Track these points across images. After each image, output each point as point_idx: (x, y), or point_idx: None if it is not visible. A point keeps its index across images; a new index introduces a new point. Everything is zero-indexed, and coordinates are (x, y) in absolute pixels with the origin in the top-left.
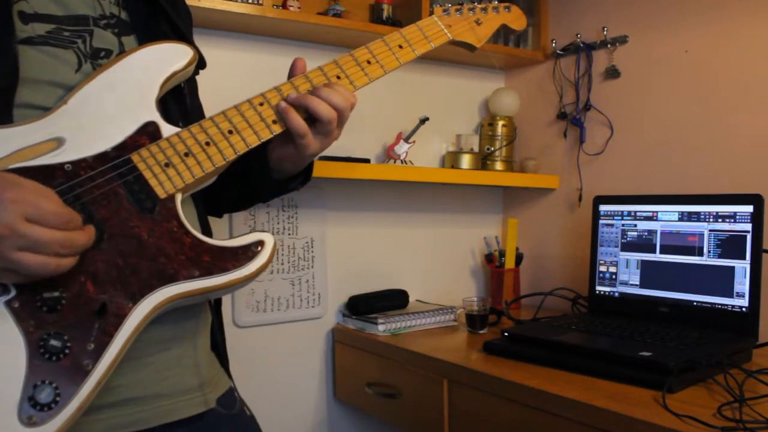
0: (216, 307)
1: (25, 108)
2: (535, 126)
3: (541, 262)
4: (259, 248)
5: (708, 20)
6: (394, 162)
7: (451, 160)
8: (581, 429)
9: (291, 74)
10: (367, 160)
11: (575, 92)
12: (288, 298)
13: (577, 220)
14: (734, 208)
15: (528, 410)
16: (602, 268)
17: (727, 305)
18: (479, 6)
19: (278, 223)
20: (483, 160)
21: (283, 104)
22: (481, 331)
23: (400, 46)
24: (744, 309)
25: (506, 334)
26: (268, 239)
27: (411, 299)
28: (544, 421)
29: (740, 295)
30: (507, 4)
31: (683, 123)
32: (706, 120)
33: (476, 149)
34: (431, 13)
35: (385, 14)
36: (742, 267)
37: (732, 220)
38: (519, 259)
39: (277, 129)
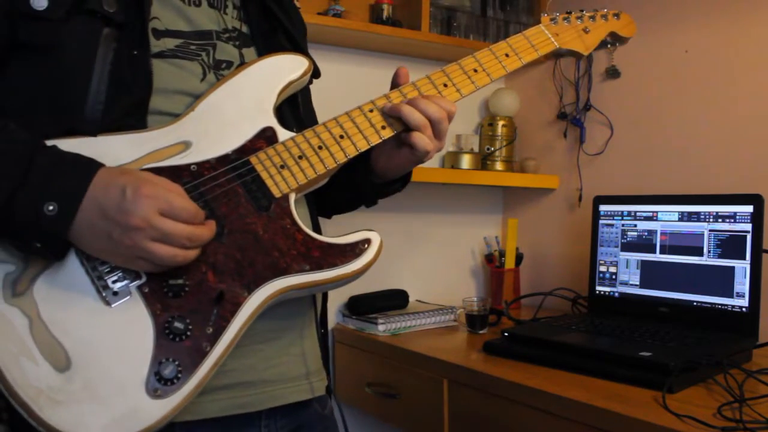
0: (323, 298)
1: (158, 114)
2: (535, 126)
3: (541, 262)
4: (366, 246)
5: (708, 20)
6: None
7: (451, 160)
8: (581, 429)
9: (394, 82)
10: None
11: (575, 92)
12: None
13: (577, 220)
14: (734, 208)
15: (528, 410)
16: (602, 268)
17: (727, 305)
18: (587, 14)
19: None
20: (483, 160)
21: (389, 105)
22: (481, 331)
23: (507, 55)
24: (744, 309)
25: (506, 334)
26: (375, 238)
27: (411, 299)
28: (544, 421)
29: (740, 295)
30: (616, 12)
31: (683, 123)
32: (706, 120)
33: (476, 149)
34: (432, 13)
35: (385, 14)
36: (742, 267)
37: (732, 220)
38: (519, 259)
39: (386, 134)
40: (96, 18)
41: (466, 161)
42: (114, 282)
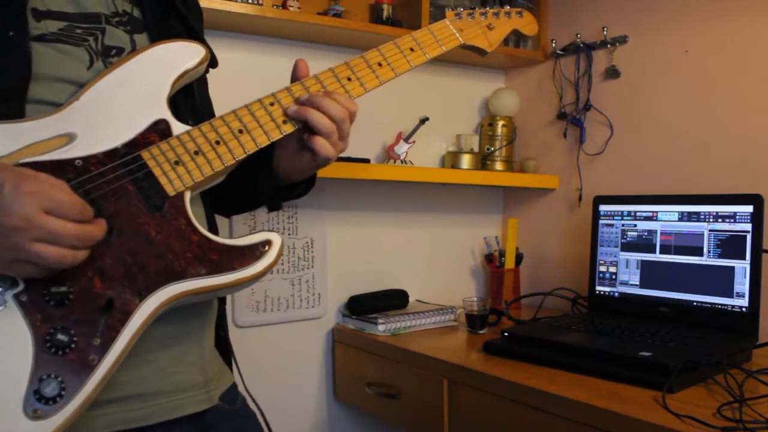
0: (221, 300)
1: (38, 104)
2: (535, 126)
3: (541, 262)
4: (267, 248)
5: (708, 20)
6: (394, 162)
7: (451, 160)
8: (581, 429)
9: (294, 76)
10: (367, 160)
11: (575, 92)
12: (288, 298)
13: (577, 220)
14: (734, 208)
15: (528, 410)
16: (602, 268)
17: (727, 305)
18: (491, 11)
19: (278, 223)
20: (483, 160)
21: (294, 108)
22: (481, 331)
23: (412, 49)
24: (744, 309)
25: (506, 334)
26: (276, 239)
27: (411, 299)
28: (544, 421)
29: (740, 295)
30: (519, 10)
31: (683, 123)
32: (706, 120)
33: (476, 149)
34: (432, 12)
35: (385, 14)
36: (742, 267)
37: (732, 220)
38: (519, 259)
39: (288, 129)
40: None
41: (466, 161)
42: None
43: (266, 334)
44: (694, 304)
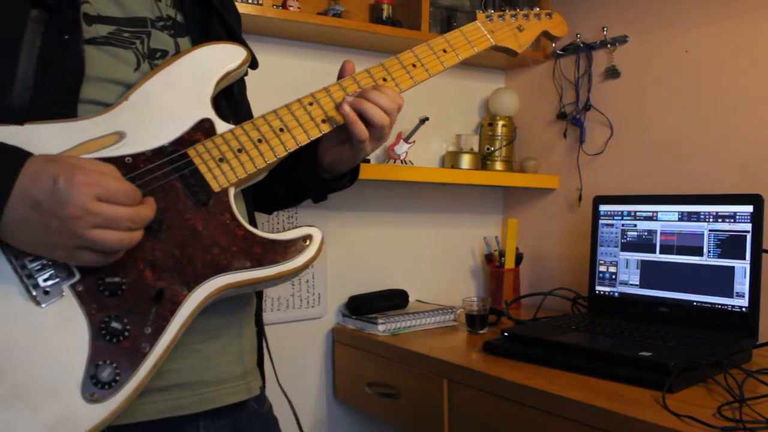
0: (258, 295)
1: (89, 104)
2: (535, 126)
3: (541, 262)
4: (308, 242)
5: (708, 20)
6: (394, 162)
7: (451, 160)
8: (581, 429)
9: (340, 75)
10: (367, 160)
11: (575, 92)
12: (288, 298)
13: (577, 220)
14: (734, 208)
15: (528, 410)
16: (602, 268)
17: (727, 305)
18: (521, 12)
19: (278, 223)
20: (483, 160)
21: (348, 110)
22: (481, 331)
23: (444, 51)
24: (744, 309)
25: (506, 334)
26: (316, 234)
27: (411, 299)
28: (544, 421)
29: (740, 295)
30: (548, 11)
31: (683, 123)
32: (706, 120)
33: (476, 149)
34: (432, 12)
35: (384, 14)
36: (742, 267)
37: (732, 220)
38: (519, 259)
39: (326, 128)
40: None
41: (466, 161)
42: (45, 280)
43: (266, 334)
44: (694, 304)
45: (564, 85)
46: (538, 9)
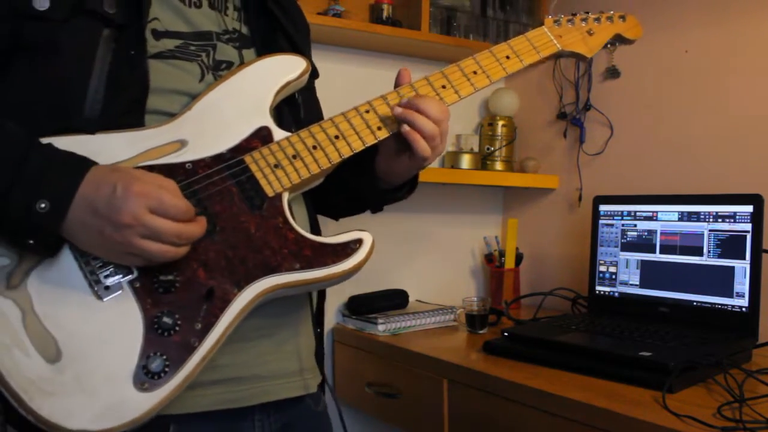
0: (320, 296)
1: (155, 114)
2: (535, 126)
3: (541, 262)
4: (358, 246)
5: (708, 20)
6: None
7: (451, 160)
8: (581, 429)
9: (397, 83)
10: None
11: (575, 92)
12: None
13: (577, 220)
14: (734, 208)
15: (528, 410)
16: (602, 268)
17: (727, 305)
18: (592, 16)
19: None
20: (483, 160)
21: (407, 129)
22: (481, 331)
23: (507, 57)
24: (744, 309)
25: (506, 334)
26: (367, 238)
27: (411, 299)
28: (544, 421)
29: (740, 295)
30: (622, 14)
31: (683, 123)
32: (706, 120)
33: (476, 149)
34: (432, 12)
35: (384, 14)
36: (742, 267)
37: (732, 220)
38: (519, 259)
39: (382, 135)
40: (96, 19)
41: (466, 161)
42: (106, 277)
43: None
44: (694, 304)
45: (564, 85)
46: (611, 12)
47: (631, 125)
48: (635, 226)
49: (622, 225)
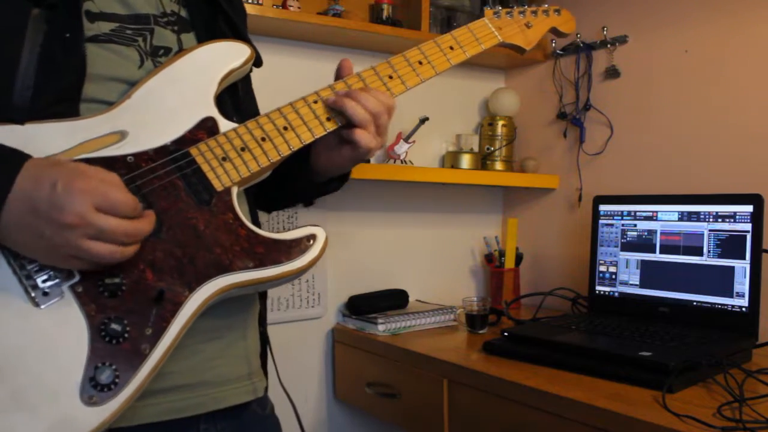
0: (262, 295)
1: (91, 102)
2: (535, 126)
3: (541, 262)
4: (311, 242)
5: (708, 20)
6: (394, 162)
7: (451, 160)
8: (581, 429)
9: (338, 74)
10: (366, 160)
11: (575, 92)
12: (288, 298)
13: (577, 220)
14: (734, 208)
15: (528, 410)
16: (602, 268)
17: (727, 305)
18: (530, 9)
19: (278, 223)
20: (483, 160)
21: (333, 98)
22: (480, 331)
23: (451, 47)
24: (744, 309)
25: (506, 334)
26: (320, 233)
27: (411, 299)
28: (544, 421)
29: (740, 295)
30: (557, 8)
31: (683, 123)
32: (706, 120)
33: (476, 149)
34: (432, 12)
35: (384, 14)
36: (742, 267)
37: (732, 220)
38: (519, 259)
39: (331, 126)
40: None
41: (466, 161)
42: (44, 281)
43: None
44: (694, 304)
45: (564, 85)
46: (546, 6)
47: (631, 125)
48: (635, 226)
49: (622, 225)
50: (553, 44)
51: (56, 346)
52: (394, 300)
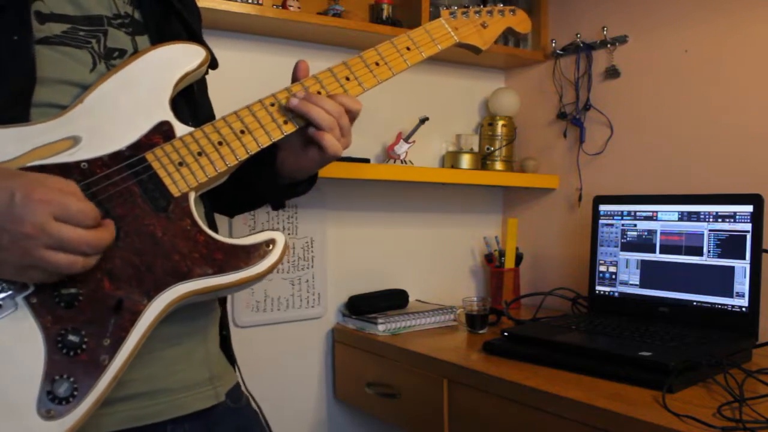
0: (222, 302)
1: (43, 107)
2: (535, 126)
3: (541, 262)
4: (271, 247)
5: (708, 20)
6: (394, 162)
7: (451, 160)
8: (581, 429)
9: (294, 76)
10: (366, 160)
11: (575, 92)
12: (288, 298)
13: (577, 220)
14: (734, 208)
15: (528, 410)
16: (602, 268)
17: (727, 305)
18: (485, 9)
19: (278, 223)
20: (483, 160)
21: (295, 101)
22: (480, 331)
23: (408, 48)
24: (744, 309)
25: (506, 334)
26: (280, 238)
27: (411, 299)
28: (544, 421)
29: (740, 295)
30: (512, 8)
31: (683, 123)
32: (706, 120)
33: (476, 149)
34: (432, 12)
35: (384, 14)
36: (742, 267)
37: (732, 220)
38: (519, 259)
39: (289, 129)
40: None
41: (465, 161)
42: None
43: (266, 334)
44: (694, 304)
45: (564, 85)
46: (501, 5)
47: (631, 125)
48: (635, 226)
49: (622, 225)
50: (553, 44)
51: (12, 359)
52: (394, 300)
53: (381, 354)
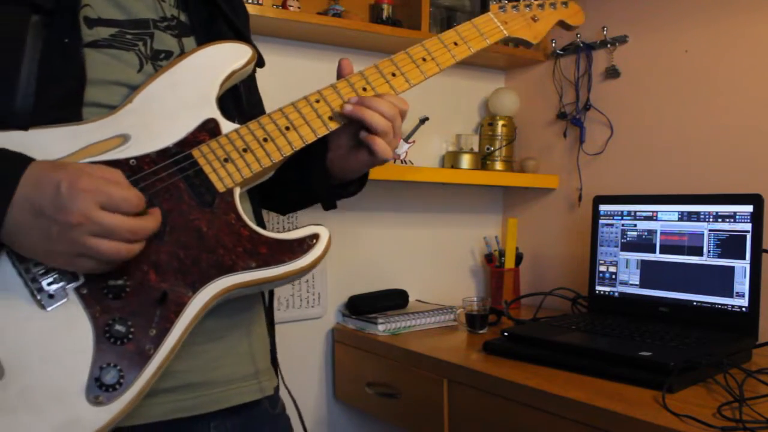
0: (268, 295)
1: (94, 107)
2: (535, 126)
3: (541, 262)
4: (315, 241)
5: (708, 20)
6: (394, 162)
7: (451, 160)
8: (581, 429)
9: (339, 74)
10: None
11: (575, 92)
12: (288, 298)
13: (577, 220)
14: (734, 208)
15: (528, 410)
16: (602, 268)
17: (727, 305)
18: (536, 2)
19: (278, 223)
20: (483, 160)
21: (349, 108)
22: (480, 331)
23: (455, 43)
24: (744, 309)
25: (506, 334)
26: (324, 233)
27: (411, 299)
28: (544, 421)
29: (740, 295)
30: (564, 0)
31: (683, 123)
32: (706, 120)
33: (476, 149)
34: (431, 12)
35: (385, 14)
36: (742, 267)
37: (732, 220)
38: (519, 258)
39: (333, 125)
40: (22, 4)
41: (466, 161)
42: (49, 284)
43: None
44: (694, 304)
45: (564, 85)
46: None
47: (631, 125)
48: (635, 226)
49: (622, 225)
50: (553, 44)
51: (62, 347)
52: (394, 300)
53: (381, 354)
